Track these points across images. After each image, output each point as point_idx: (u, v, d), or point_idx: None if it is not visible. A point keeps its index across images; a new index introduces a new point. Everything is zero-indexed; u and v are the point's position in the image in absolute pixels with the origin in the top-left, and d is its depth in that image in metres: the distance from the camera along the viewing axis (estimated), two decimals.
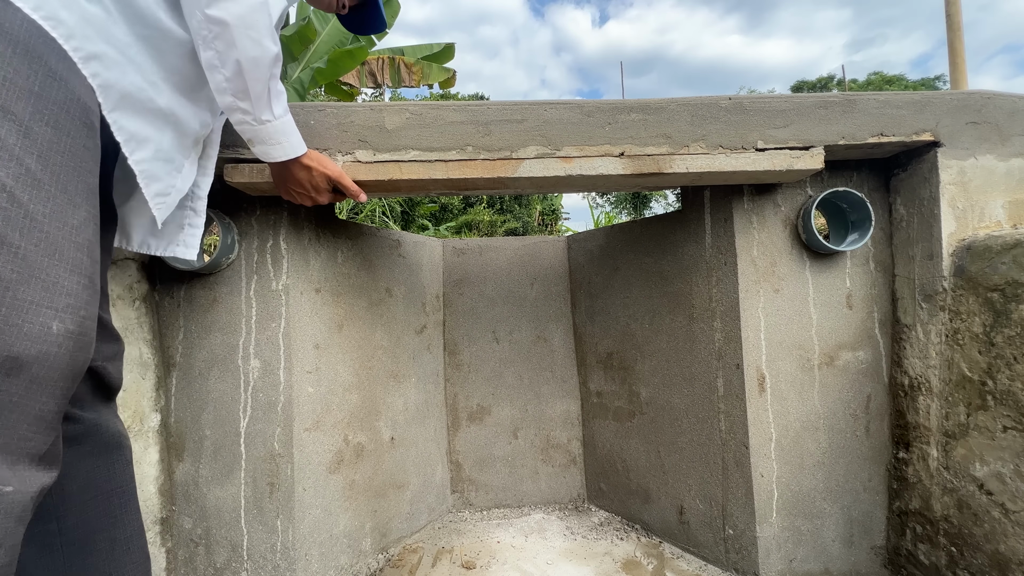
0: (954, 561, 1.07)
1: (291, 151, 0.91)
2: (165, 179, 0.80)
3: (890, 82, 21.13)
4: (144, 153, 0.75)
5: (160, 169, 0.78)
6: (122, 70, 0.70)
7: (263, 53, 0.78)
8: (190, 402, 1.17)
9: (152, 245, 0.90)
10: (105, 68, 0.67)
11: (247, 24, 0.75)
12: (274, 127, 0.87)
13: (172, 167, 0.81)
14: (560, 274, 1.75)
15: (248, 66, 0.78)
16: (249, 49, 0.77)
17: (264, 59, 0.79)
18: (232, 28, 0.74)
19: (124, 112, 0.71)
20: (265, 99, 0.83)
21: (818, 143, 1.12)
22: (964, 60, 6.00)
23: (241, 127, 0.86)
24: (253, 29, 0.76)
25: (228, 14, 0.74)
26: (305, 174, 0.97)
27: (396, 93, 12.25)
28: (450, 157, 1.09)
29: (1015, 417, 0.94)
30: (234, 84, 0.79)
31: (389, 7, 7.05)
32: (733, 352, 1.24)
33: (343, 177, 1.01)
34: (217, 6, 0.73)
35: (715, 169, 1.09)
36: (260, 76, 0.80)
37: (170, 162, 0.81)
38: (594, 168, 1.09)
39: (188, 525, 1.16)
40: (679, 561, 1.35)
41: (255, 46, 0.77)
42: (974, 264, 1.04)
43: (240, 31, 0.75)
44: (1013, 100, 1.15)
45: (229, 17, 0.74)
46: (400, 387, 1.51)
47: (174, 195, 0.83)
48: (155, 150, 0.77)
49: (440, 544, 1.46)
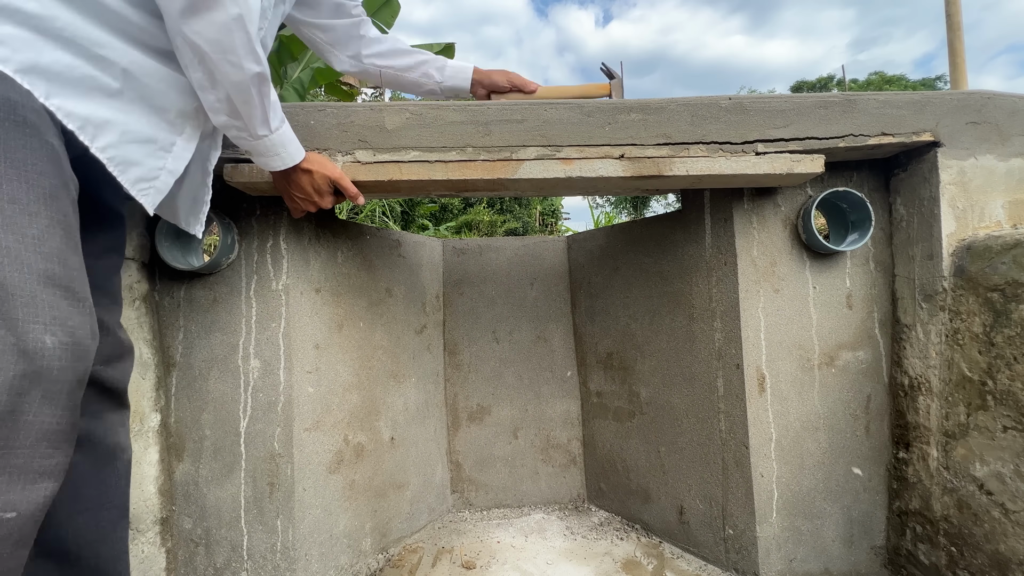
0: (954, 561, 1.07)
1: (289, 160, 0.90)
2: (147, 163, 0.74)
3: (890, 82, 21.13)
4: (108, 138, 0.68)
5: (136, 153, 0.72)
6: (37, 49, 0.61)
7: (244, 76, 0.74)
8: (190, 402, 1.17)
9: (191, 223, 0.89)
10: (13, 51, 0.59)
11: (223, 49, 0.71)
12: (271, 140, 0.85)
13: (155, 148, 0.75)
14: (560, 274, 1.75)
15: (234, 90, 0.75)
16: (231, 74, 0.73)
17: (247, 82, 0.75)
18: (208, 55, 0.70)
19: (65, 96, 0.63)
20: (259, 115, 0.80)
21: (818, 145, 1.12)
22: (964, 60, 6.00)
23: (238, 142, 0.84)
24: (231, 53, 0.71)
25: (201, 39, 0.69)
26: (307, 178, 0.96)
27: (396, 93, 12.25)
28: (450, 158, 1.09)
29: (1015, 417, 0.94)
30: (226, 105, 0.77)
31: (389, 7, 7.05)
32: (733, 352, 1.24)
33: (343, 179, 1.00)
34: (190, 29, 0.68)
35: (715, 172, 1.09)
36: (248, 97, 0.77)
37: (150, 143, 0.74)
38: (594, 170, 1.09)
39: (188, 525, 1.16)
40: (679, 561, 1.35)
41: (236, 71, 0.73)
42: (974, 264, 1.04)
43: (218, 57, 0.71)
44: (1013, 100, 1.15)
45: (203, 43, 0.69)
46: (400, 387, 1.51)
47: (164, 177, 0.77)
48: (122, 132, 0.69)
49: (440, 544, 1.46)
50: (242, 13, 0.70)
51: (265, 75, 0.77)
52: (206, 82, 0.74)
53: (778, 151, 1.11)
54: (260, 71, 0.76)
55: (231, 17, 0.69)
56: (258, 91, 0.77)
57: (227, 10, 0.69)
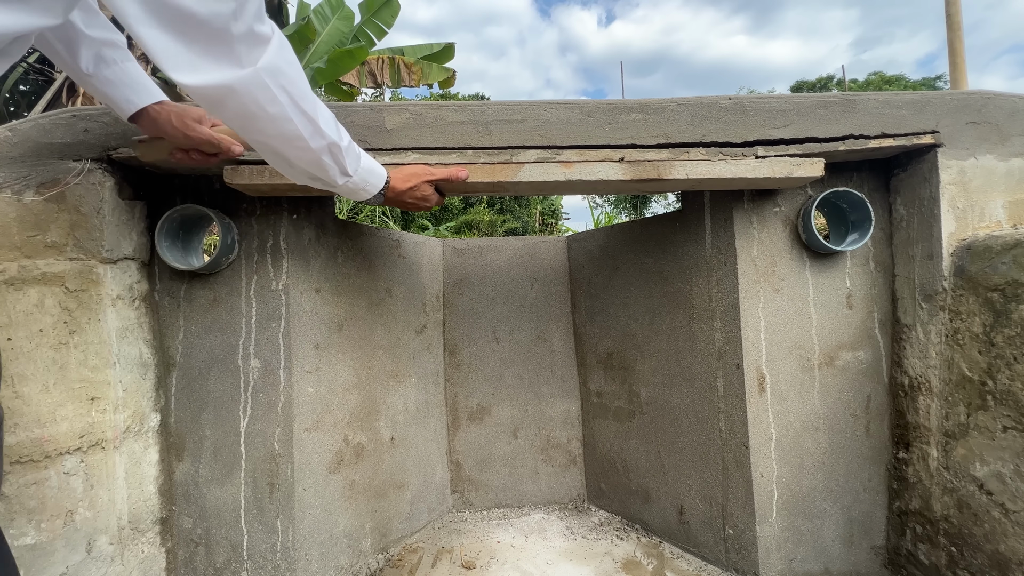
0: (954, 561, 1.07)
1: (374, 189, 0.93)
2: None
3: (889, 82, 21.13)
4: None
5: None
6: None
7: (315, 155, 0.79)
8: (190, 402, 1.17)
9: None
10: None
11: (287, 138, 0.75)
12: (353, 182, 0.89)
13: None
14: (560, 274, 1.75)
15: (310, 166, 0.80)
16: (304, 156, 0.78)
17: (318, 158, 0.79)
18: (280, 152, 0.77)
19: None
20: (338, 170, 0.84)
21: (818, 149, 1.12)
22: (964, 60, 6.00)
23: (323, 189, 0.90)
24: (298, 140, 0.75)
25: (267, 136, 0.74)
26: (409, 195, 1.00)
27: (396, 93, 12.25)
28: (450, 160, 1.09)
29: (1015, 417, 0.94)
30: (306, 176, 0.83)
31: (389, 7, 7.06)
32: (733, 352, 1.24)
33: (432, 175, 1.03)
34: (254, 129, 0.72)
35: (715, 176, 1.09)
36: (324, 164, 0.81)
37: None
38: (594, 173, 1.09)
39: (188, 525, 1.16)
40: (679, 561, 1.35)
41: (306, 152, 0.78)
42: (974, 264, 1.04)
43: (285, 147, 0.76)
44: (1013, 100, 1.15)
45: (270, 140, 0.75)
46: (400, 387, 1.51)
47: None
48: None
49: (440, 544, 1.46)
50: (293, 95, 0.71)
51: (336, 143, 0.80)
52: (285, 166, 0.81)
53: (778, 155, 1.11)
54: (327, 143, 0.79)
55: (285, 107, 0.71)
56: (331, 155, 0.81)
57: (278, 101, 0.70)
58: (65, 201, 0.98)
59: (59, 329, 0.95)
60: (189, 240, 1.19)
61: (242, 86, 0.66)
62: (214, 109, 0.72)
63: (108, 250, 1.02)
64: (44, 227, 0.96)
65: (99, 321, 1.01)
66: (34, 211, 0.95)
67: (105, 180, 1.03)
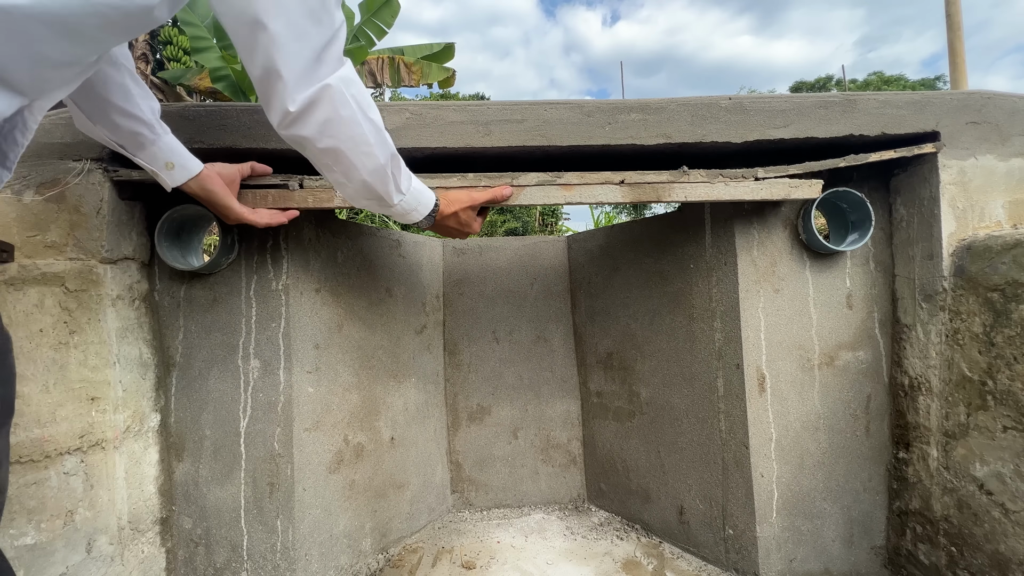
0: (954, 561, 1.07)
1: (424, 210, 0.93)
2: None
3: (888, 82, 21.13)
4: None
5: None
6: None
7: (379, 163, 0.78)
8: (190, 402, 1.17)
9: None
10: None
11: (356, 142, 0.74)
12: (406, 201, 0.88)
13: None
14: (560, 274, 1.75)
15: (371, 177, 0.79)
16: (368, 164, 0.77)
17: (383, 168, 0.79)
18: (344, 153, 0.75)
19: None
20: (391, 188, 0.83)
21: (818, 167, 1.12)
22: (964, 60, 6.00)
23: (373, 210, 0.89)
24: (364, 143, 0.75)
25: (336, 140, 0.73)
26: (453, 220, 1.00)
27: (396, 93, 12.24)
28: (451, 184, 1.05)
29: (1015, 417, 0.94)
30: (364, 191, 0.81)
31: (389, 7, 7.06)
32: (733, 352, 1.24)
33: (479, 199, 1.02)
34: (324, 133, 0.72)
35: (713, 198, 1.09)
36: (384, 178, 0.81)
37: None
38: (594, 196, 1.09)
39: (188, 525, 1.16)
40: (679, 561, 1.35)
41: (371, 159, 0.77)
42: (974, 264, 1.04)
43: (354, 153, 0.75)
44: (1013, 100, 1.15)
45: (338, 143, 0.73)
46: (400, 387, 1.51)
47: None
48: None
49: (440, 544, 1.46)
50: (361, 103, 0.73)
51: (396, 155, 0.80)
52: (343, 179, 0.79)
53: (777, 176, 1.11)
54: (391, 153, 0.79)
55: (355, 112, 0.72)
56: (393, 166, 0.81)
57: (349, 101, 0.71)
58: (65, 201, 0.98)
59: (59, 329, 0.95)
60: (189, 240, 1.19)
61: (332, 89, 0.70)
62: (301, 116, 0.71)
63: (108, 250, 1.02)
64: (44, 227, 0.96)
65: (99, 321, 1.01)
66: (34, 211, 0.95)
67: (105, 180, 1.03)
